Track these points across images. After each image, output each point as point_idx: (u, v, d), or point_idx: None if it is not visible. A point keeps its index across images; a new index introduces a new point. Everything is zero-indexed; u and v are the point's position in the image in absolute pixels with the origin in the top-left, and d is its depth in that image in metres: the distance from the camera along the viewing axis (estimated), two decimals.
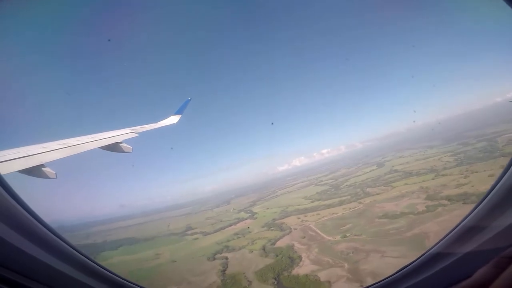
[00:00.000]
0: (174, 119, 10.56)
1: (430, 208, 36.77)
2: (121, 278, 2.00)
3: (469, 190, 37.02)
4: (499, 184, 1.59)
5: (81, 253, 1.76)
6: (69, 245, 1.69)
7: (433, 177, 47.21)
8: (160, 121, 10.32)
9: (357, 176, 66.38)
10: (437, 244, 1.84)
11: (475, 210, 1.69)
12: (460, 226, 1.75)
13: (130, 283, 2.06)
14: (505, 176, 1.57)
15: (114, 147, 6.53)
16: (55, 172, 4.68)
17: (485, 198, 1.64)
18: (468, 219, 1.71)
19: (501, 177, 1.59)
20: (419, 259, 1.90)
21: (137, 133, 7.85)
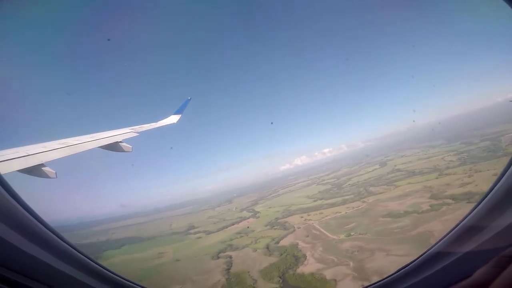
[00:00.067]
0: (174, 119, 10.62)
1: (434, 207, 36.84)
2: (121, 277, 2.00)
3: (473, 189, 37.08)
4: (499, 184, 1.60)
5: (81, 253, 1.75)
6: (69, 245, 1.69)
7: (437, 176, 47.28)
8: (160, 120, 10.40)
9: (359, 175, 66.39)
10: (437, 243, 1.85)
11: (475, 210, 1.70)
12: (460, 225, 1.75)
13: (130, 283, 2.05)
14: (505, 176, 1.58)
15: (114, 147, 6.57)
16: (55, 171, 4.71)
17: (485, 198, 1.65)
18: (468, 219, 1.72)
19: (501, 177, 1.60)
20: (419, 259, 1.90)
21: (137, 133, 7.91)
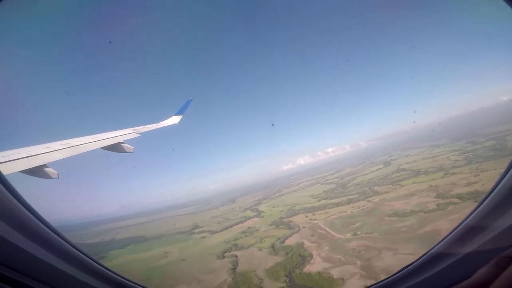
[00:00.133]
0: (175, 119, 10.64)
1: (441, 206, 36.74)
2: (123, 278, 1.99)
3: (479, 188, 36.95)
4: (500, 184, 1.59)
5: (83, 253, 1.75)
6: (71, 245, 1.69)
7: (442, 175, 47.16)
8: (161, 121, 10.43)
9: (363, 174, 66.27)
10: (438, 244, 1.84)
11: (476, 210, 1.69)
12: (461, 226, 1.75)
13: (132, 283, 2.03)
14: (506, 176, 1.57)
15: (115, 147, 6.57)
16: (57, 172, 4.72)
17: (486, 198, 1.64)
18: (469, 219, 1.71)
19: (502, 178, 1.59)
20: (420, 259, 1.90)
21: (139, 133, 7.93)
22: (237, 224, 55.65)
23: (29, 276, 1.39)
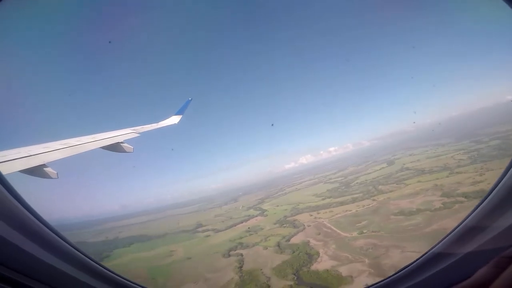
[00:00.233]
0: (175, 119, 10.64)
1: (447, 204, 36.87)
2: (123, 278, 1.98)
3: (485, 187, 36.99)
4: (500, 184, 1.58)
5: (83, 253, 1.75)
6: (71, 245, 1.68)
7: (447, 174, 47.24)
8: (161, 121, 10.44)
9: (367, 174, 66.37)
10: (438, 244, 1.84)
11: (476, 210, 1.69)
12: (461, 226, 1.74)
13: (132, 283, 2.02)
14: (506, 176, 1.57)
15: (115, 147, 6.57)
16: (56, 172, 4.72)
17: (486, 198, 1.64)
18: (468, 219, 1.71)
19: (502, 178, 1.59)
20: (420, 259, 1.89)
21: (138, 133, 7.94)
22: (241, 222, 55.70)
23: (29, 276, 1.38)
